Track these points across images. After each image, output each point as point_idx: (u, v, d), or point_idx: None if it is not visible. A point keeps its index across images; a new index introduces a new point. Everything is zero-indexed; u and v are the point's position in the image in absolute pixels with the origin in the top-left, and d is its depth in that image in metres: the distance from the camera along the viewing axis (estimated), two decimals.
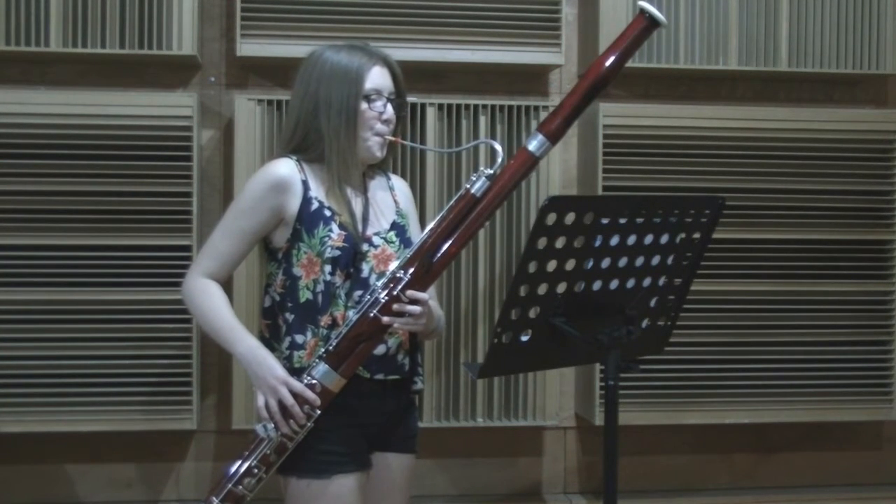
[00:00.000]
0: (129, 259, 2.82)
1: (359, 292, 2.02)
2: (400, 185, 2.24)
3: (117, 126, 2.80)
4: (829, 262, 3.11)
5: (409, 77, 3.04)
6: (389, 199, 2.16)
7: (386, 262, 2.06)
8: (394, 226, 2.12)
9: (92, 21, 2.81)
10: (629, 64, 2.97)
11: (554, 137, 1.98)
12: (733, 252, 3.06)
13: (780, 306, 3.09)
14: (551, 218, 1.73)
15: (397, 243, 2.10)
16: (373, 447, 2.09)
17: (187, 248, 2.82)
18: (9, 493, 2.98)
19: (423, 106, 2.97)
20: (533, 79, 3.17)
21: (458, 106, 2.99)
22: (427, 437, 3.10)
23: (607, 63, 1.97)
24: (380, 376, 2.05)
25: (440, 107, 2.99)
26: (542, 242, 1.75)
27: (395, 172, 2.94)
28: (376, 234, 2.08)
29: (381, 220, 2.11)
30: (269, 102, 2.91)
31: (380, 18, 2.94)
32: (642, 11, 1.95)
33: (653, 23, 1.95)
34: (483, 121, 2.99)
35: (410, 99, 2.96)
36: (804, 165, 3.09)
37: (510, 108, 3.00)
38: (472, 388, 3.00)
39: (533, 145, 1.98)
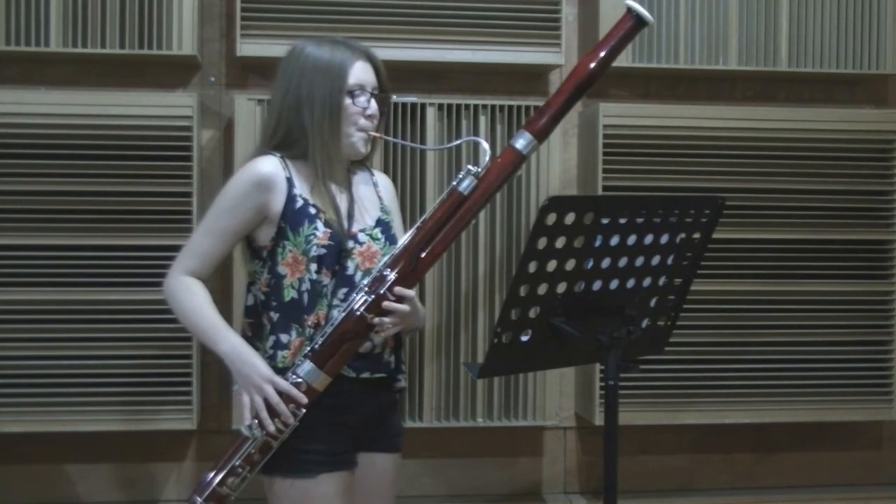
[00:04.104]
0: (129, 259, 2.81)
1: (344, 290, 2.00)
2: (383, 181, 2.22)
3: (117, 126, 2.79)
4: (829, 262, 3.11)
5: (409, 77, 3.08)
6: (373, 195, 2.15)
7: (371, 259, 2.04)
8: (378, 222, 2.10)
9: (92, 21, 2.81)
10: (629, 64, 3.04)
11: (541, 136, 1.98)
12: (733, 252, 3.06)
13: (780, 306, 3.09)
14: (551, 218, 1.73)
15: (382, 240, 2.08)
16: (358, 447, 2.06)
17: None
18: (9, 493, 2.98)
19: (423, 106, 2.97)
20: (533, 79, 3.17)
21: (458, 106, 2.99)
22: (427, 437, 3.12)
23: (592, 63, 1.97)
24: (366, 375, 2.03)
25: (440, 107, 2.99)
26: (542, 242, 1.75)
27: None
28: (361, 230, 2.06)
29: (365, 217, 2.09)
30: (270, 102, 2.90)
31: (380, 18, 2.94)
32: (629, 10, 1.95)
33: (640, 22, 1.95)
34: (483, 121, 2.98)
35: (410, 99, 2.98)
36: (804, 165, 3.08)
37: (510, 108, 3.00)
38: (472, 388, 3.00)
39: (520, 144, 1.99)
